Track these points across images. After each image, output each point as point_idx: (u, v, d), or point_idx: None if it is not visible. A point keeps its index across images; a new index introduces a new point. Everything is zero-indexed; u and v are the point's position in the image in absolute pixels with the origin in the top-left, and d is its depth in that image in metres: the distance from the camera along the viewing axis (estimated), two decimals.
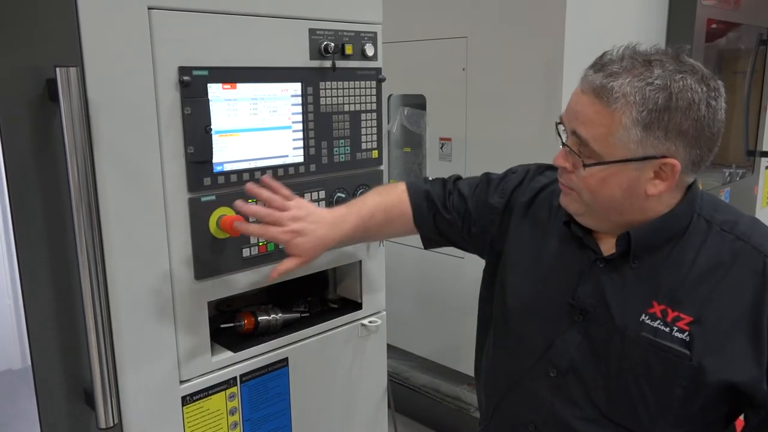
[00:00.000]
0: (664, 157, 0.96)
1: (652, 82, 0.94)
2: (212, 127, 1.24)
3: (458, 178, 1.38)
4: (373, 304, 1.64)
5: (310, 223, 1.21)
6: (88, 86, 1.07)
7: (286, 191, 1.24)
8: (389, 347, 1.74)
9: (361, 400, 1.66)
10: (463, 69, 2.27)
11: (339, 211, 1.29)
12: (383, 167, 1.57)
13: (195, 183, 1.24)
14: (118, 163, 1.13)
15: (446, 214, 1.32)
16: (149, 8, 1.14)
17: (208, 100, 1.23)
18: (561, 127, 1.06)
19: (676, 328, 1.00)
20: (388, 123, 2.56)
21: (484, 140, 2.27)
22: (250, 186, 1.20)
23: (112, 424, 1.12)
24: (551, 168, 1.24)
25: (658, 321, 1.01)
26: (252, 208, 1.20)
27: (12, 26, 1.00)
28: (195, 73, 1.21)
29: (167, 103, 1.18)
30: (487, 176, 1.33)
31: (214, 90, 1.24)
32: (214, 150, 1.25)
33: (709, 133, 0.97)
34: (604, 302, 1.07)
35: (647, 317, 1.03)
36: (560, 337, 1.11)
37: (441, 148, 2.43)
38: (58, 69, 1.01)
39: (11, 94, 1.02)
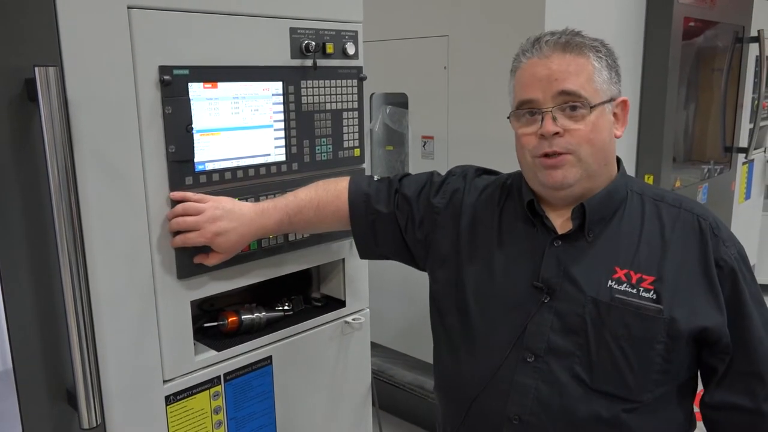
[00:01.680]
0: (619, 96, 1.13)
1: (590, 38, 1.12)
2: (193, 126, 1.24)
3: (405, 176, 1.39)
4: (357, 302, 1.65)
5: (230, 221, 1.26)
6: (68, 86, 1.07)
7: (196, 196, 1.25)
8: (373, 345, 1.74)
9: (346, 397, 1.67)
10: (445, 67, 2.29)
11: (263, 205, 1.32)
12: (365, 165, 1.58)
13: (176, 182, 1.24)
14: (98, 162, 1.13)
15: (388, 215, 1.33)
16: (129, 7, 1.14)
17: (189, 99, 1.23)
18: (526, 107, 1.11)
19: (642, 289, 1.07)
20: (371, 121, 2.57)
21: (466, 138, 2.28)
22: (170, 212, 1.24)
23: (95, 425, 1.12)
24: (487, 172, 1.35)
25: (625, 284, 1.08)
26: (170, 223, 1.23)
27: None
28: (176, 72, 1.21)
29: (148, 103, 1.18)
30: (430, 176, 1.35)
31: (195, 89, 1.24)
32: (195, 149, 1.25)
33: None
34: (569, 277, 1.11)
35: (614, 282, 1.08)
36: (531, 321, 1.12)
37: (423, 146, 2.44)
38: (37, 68, 1.01)
39: None
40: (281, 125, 1.39)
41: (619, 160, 1.18)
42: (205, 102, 1.26)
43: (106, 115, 1.13)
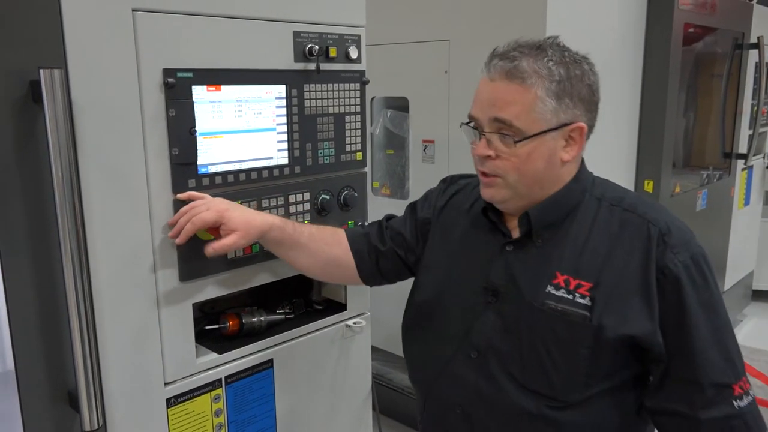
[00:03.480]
0: (573, 122, 1.09)
1: (551, 59, 1.07)
2: (197, 128, 1.24)
3: (390, 217, 1.43)
4: (358, 306, 1.65)
5: (234, 208, 1.27)
6: (72, 88, 1.07)
7: (201, 195, 1.27)
8: (372, 348, 1.75)
9: (346, 400, 1.67)
10: (446, 71, 2.29)
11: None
12: (367, 169, 1.58)
13: (179, 184, 1.24)
14: (102, 164, 1.13)
15: (386, 252, 1.36)
16: (134, 10, 1.14)
17: (192, 102, 1.23)
18: (470, 125, 1.16)
19: (578, 295, 1.09)
20: (371, 125, 2.57)
21: (466, 142, 2.28)
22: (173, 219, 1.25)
23: (96, 427, 1.11)
24: (463, 177, 1.39)
25: (562, 290, 1.10)
26: (181, 211, 1.24)
27: None
28: (179, 75, 1.21)
29: (152, 105, 1.18)
30: (410, 204, 1.41)
31: (199, 92, 1.24)
32: (198, 151, 1.25)
33: (596, 98, 1.13)
34: (513, 281, 1.15)
35: (552, 287, 1.11)
36: (478, 320, 1.17)
37: (424, 150, 2.44)
38: (41, 70, 1.01)
39: None
40: (284, 128, 1.39)
41: (582, 164, 1.18)
42: (209, 105, 1.27)
43: (110, 117, 1.13)
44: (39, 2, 1.04)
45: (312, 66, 1.41)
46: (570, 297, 1.09)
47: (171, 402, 1.29)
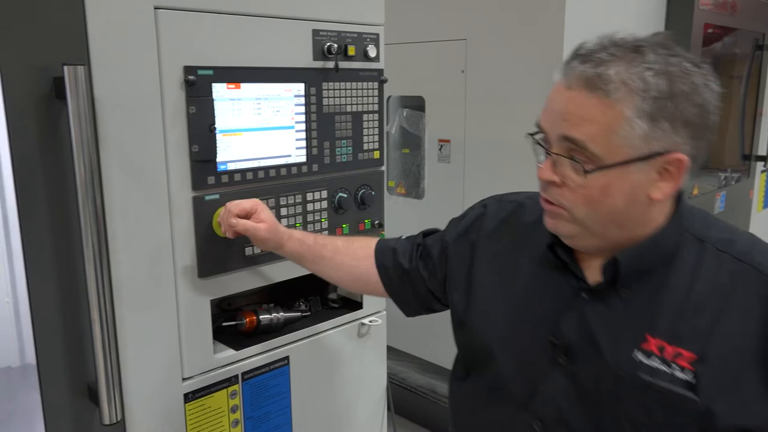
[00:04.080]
0: (670, 152, 0.83)
1: (650, 66, 0.81)
2: (216, 126, 1.25)
3: (429, 232, 1.24)
4: (374, 304, 1.65)
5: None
6: (95, 84, 1.08)
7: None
8: (387, 348, 1.75)
9: (361, 399, 1.67)
10: (462, 71, 2.29)
11: None
12: (384, 168, 1.58)
13: (199, 181, 1.25)
14: (123, 160, 1.14)
15: (410, 270, 1.20)
16: (155, 8, 1.15)
17: (212, 100, 1.24)
18: (539, 136, 0.92)
19: (677, 367, 0.86)
20: (387, 124, 2.57)
21: (482, 142, 2.28)
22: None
23: (115, 421, 1.13)
24: (508, 196, 1.17)
25: (655, 359, 0.87)
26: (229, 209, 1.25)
27: (20, 25, 1.01)
28: (200, 72, 1.22)
29: (172, 102, 1.19)
30: (452, 220, 1.22)
31: (219, 89, 1.25)
32: (218, 149, 1.26)
33: (711, 121, 0.86)
34: (590, 338, 0.92)
35: (642, 354, 0.88)
36: (543, 383, 0.96)
37: (440, 149, 2.44)
38: (65, 67, 1.02)
39: (19, 92, 1.02)
40: (302, 126, 1.40)
41: (680, 198, 0.93)
42: (228, 102, 1.27)
43: (132, 114, 1.14)
44: (63, 1, 1.05)
45: (330, 64, 1.42)
46: (666, 369, 0.86)
47: (188, 397, 1.30)
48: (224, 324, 1.42)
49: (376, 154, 1.55)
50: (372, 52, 1.48)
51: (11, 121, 1.03)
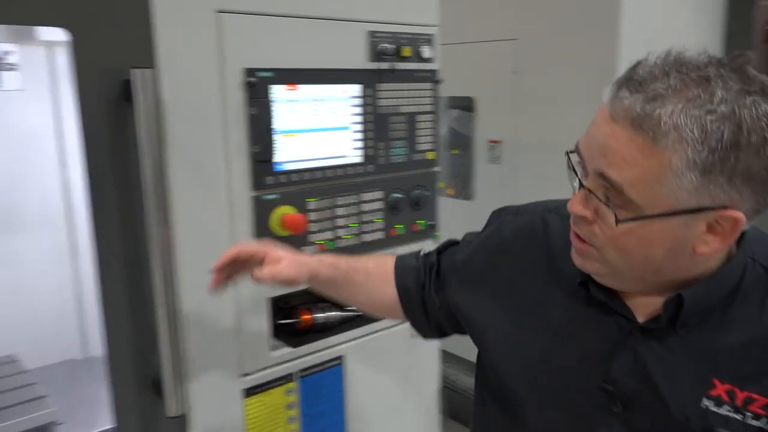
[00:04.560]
0: (725, 207, 0.71)
1: (715, 109, 0.67)
2: (275, 127, 1.28)
3: (451, 243, 1.10)
4: None
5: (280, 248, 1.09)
6: (161, 87, 1.12)
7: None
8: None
9: (413, 401, 1.67)
10: (514, 71, 2.27)
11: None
12: (438, 169, 1.58)
13: (258, 181, 1.27)
14: (187, 160, 1.17)
15: (426, 294, 1.07)
16: (218, 12, 1.18)
17: (272, 101, 1.26)
18: (575, 158, 0.80)
19: (750, 414, 0.77)
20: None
21: (534, 143, 2.26)
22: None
23: (179, 413, 1.16)
24: (522, 210, 1.02)
25: (727, 406, 0.78)
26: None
27: (93, 31, 1.06)
28: (260, 74, 1.24)
29: (233, 104, 1.22)
30: (466, 235, 1.10)
31: (278, 91, 1.27)
32: (276, 149, 1.28)
33: None
34: (649, 384, 0.81)
35: (711, 402, 0.78)
36: None
37: (490, 150, 2.42)
38: (134, 71, 1.06)
39: (91, 95, 1.07)
40: (358, 127, 1.41)
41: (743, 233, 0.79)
42: (287, 104, 1.29)
43: (195, 115, 1.18)
44: (132, 7, 1.09)
45: (385, 65, 1.42)
46: (739, 417, 0.77)
47: (247, 393, 1.32)
48: (281, 322, 1.44)
49: (430, 155, 1.55)
50: (426, 52, 1.48)
51: (84, 122, 1.07)
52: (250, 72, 1.23)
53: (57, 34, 1.92)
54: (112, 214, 1.11)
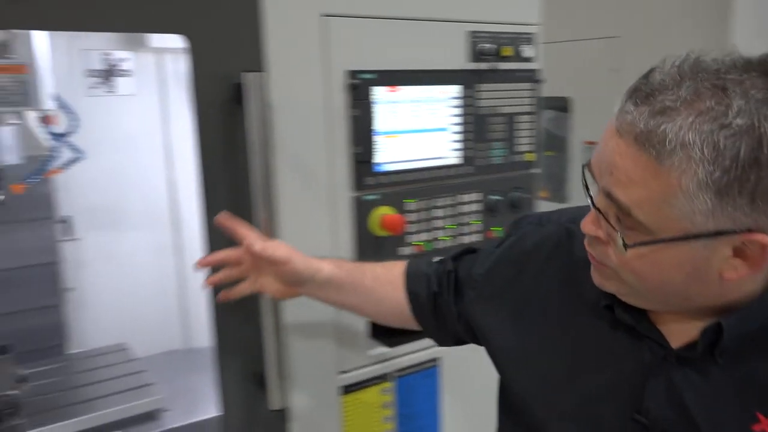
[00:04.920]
0: (749, 231, 0.64)
1: (729, 122, 0.60)
2: (376, 128, 1.29)
3: (459, 255, 1.05)
4: None
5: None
6: (270, 90, 1.15)
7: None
8: None
9: None
10: (615, 70, 2.19)
11: None
12: (537, 170, 1.55)
13: (359, 182, 1.29)
14: (291, 161, 1.20)
15: (442, 303, 1.03)
16: (323, 15, 1.21)
17: (373, 103, 1.27)
18: (589, 175, 0.73)
19: None
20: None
21: None
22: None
23: (282, 407, 1.19)
24: (558, 213, 0.96)
25: None
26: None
27: (208, 38, 1.10)
28: (362, 76, 1.26)
29: (336, 105, 1.24)
30: (488, 242, 1.09)
31: (379, 93, 1.29)
32: (377, 150, 1.30)
33: None
34: (686, 416, 0.74)
35: None
36: None
37: (586, 152, 2.35)
38: (245, 74, 1.10)
39: (205, 98, 1.12)
40: (457, 128, 1.40)
41: None
42: (388, 105, 1.30)
43: (300, 117, 1.21)
44: (243, 14, 1.13)
45: (485, 66, 1.41)
46: None
47: (345, 390, 1.34)
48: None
49: (530, 157, 1.52)
50: (527, 52, 1.46)
51: (198, 125, 1.12)
52: (353, 74, 1.25)
53: (167, 42, 2.03)
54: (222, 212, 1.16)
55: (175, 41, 1.13)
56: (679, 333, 0.75)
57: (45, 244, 1.85)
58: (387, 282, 1.06)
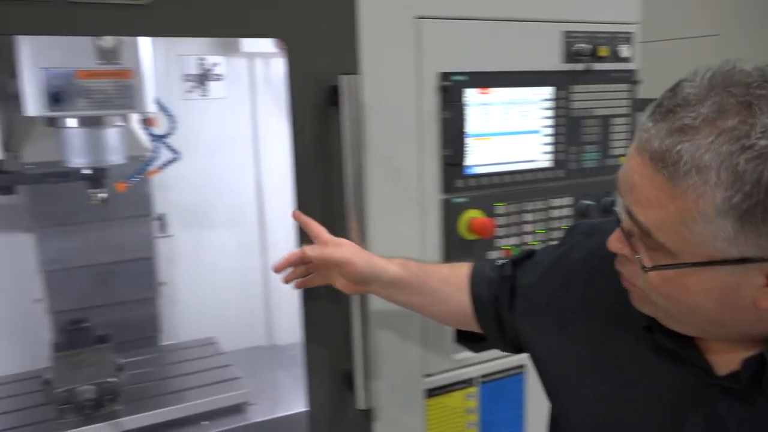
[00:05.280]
0: None
1: (752, 144, 0.56)
2: (467, 130, 1.28)
3: (528, 255, 1.02)
4: None
5: None
6: (363, 92, 1.16)
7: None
8: None
9: None
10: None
11: None
12: None
13: (448, 184, 1.28)
14: (384, 163, 1.21)
15: (500, 308, 1.01)
16: (417, 18, 1.21)
17: (465, 105, 1.26)
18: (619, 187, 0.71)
19: None
20: None
21: None
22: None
23: (369, 407, 1.20)
24: (598, 229, 0.90)
25: None
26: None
27: (304, 41, 1.12)
28: (454, 78, 1.25)
29: (427, 108, 1.24)
30: (544, 249, 1.02)
31: (471, 95, 1.27)
32: (467, 153, 1.28)
33: None
34: None
35: None
36: None
37: None
38: (341, 77, 1.11)
39: (301, 100, 1.14)
40: (549, 131, 1.37)
41: None
42: (479, 107, 1.29)
43: (392, 119, 1.21)
44: (339, 17, 1.15)
45: (580, 66, 1.37)
46: None
47: (429, 393, 1.34)
48: None
49: (624, 160, 1.46)
50: (625, 52, 1.41)
51: (294, 126, 1.14)
52: (445, 76, 1.24)
53: (258, 46, 2.09)
54: (315, 212, 1.17)
55: (267, 45, 1.16)
56: (726, 361, 0.70)
57: (143, 240, 1.94)
58: (452, 284, 1.05)
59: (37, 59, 1.35)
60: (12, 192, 1.68)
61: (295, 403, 1.67)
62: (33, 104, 1.37)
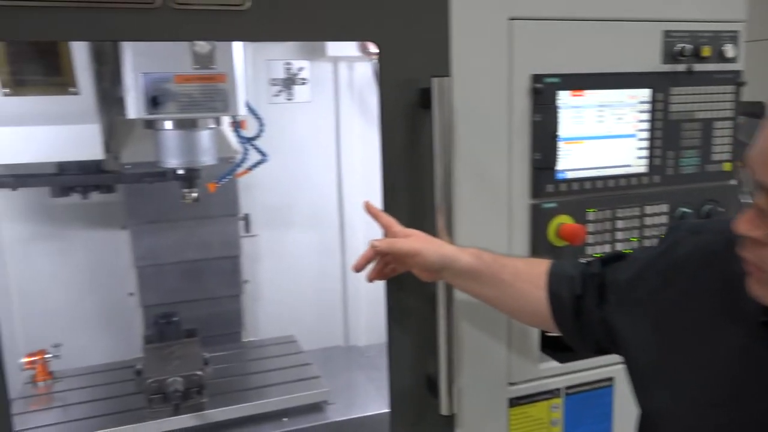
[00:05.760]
0: None
1: None
2: (559, 134, 1.24)
3: (618, 257, 0.99)
4: None
5: None
6: (454, 95, 1.15)
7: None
8: None
9: None
10: None
11: None
12: (735, 182, 1.41)
13: (538, 189, 1.25)
14: (473, 165, 1.20)
15: (584, 308, 0.98)
16: (510, 19, 1.18)
17: (557, 107, 1.23)
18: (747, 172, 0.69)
19: None
20: None
21: None
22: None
23: (452, 413, 1.18)
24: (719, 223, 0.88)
25: None
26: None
27: (398, 43, 1.13)
28: (546, 80, 1.22)
29: (519, 110, 1.22)
30: (641, 250, 0.99)
31: (563, 97, 1.24)
32: (558, 157, 1.25)
33: None
34: None
35: None
36: None
37: None
38: (434, 79, 1.10)
39: (392, 102, 1.14)
40: (645, 135, 1.31)
41: None
42: (572, 110, 1.25)
43: (482, 122, 1.20)
44: (432, 19, 1.14)
45: (681, 67, 1.31)
46: None
47: (513, 402, 1.30)
48: (548, 335, 1.40)
49: (727, 166, 1.39)
50: (730, 52, 1.33)
51: (384, 127, 1.15)
52: (537, 78, 1.21)
53: (343, 50, 2.11)
54: (403, 214, 1.17)
55: (351, 49, 1.17)
56: None
57: (229, 239, 2.00)
58: (528, 279, 1.03)
59: (138, 64, 1.42)
60: (111, 190, 1.77)
61: (372, 404, 1.67)
62: (134, 107, 1.44)
